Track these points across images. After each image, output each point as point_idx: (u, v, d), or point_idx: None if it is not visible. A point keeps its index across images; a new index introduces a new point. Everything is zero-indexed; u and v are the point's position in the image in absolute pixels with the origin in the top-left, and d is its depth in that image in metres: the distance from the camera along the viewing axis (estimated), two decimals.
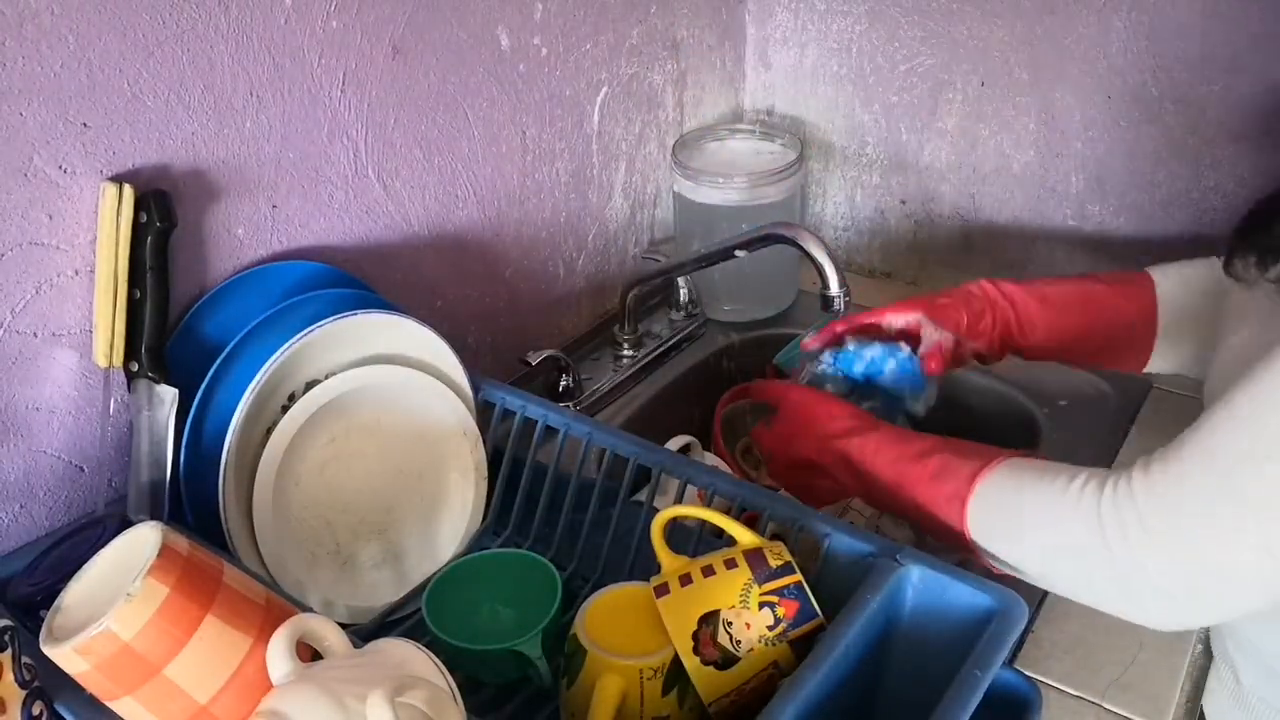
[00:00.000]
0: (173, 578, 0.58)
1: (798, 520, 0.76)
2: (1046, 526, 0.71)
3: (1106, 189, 1.20)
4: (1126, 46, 1.12)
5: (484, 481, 0.90)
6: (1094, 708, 0.80)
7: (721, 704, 0.68)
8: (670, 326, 1.26)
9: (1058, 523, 0.70)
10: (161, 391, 0.78)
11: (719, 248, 1.08)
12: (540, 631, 0.74)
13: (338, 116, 0.90)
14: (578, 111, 1.15)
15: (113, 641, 0.56)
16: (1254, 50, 1.05)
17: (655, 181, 1.30)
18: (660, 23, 1.22)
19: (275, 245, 0.89)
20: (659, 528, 0.75)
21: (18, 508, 0.77)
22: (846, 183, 1.38)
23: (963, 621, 0.68)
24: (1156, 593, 0.67)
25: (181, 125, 0.79)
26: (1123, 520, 0.66)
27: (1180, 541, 0.64)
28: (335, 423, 0.82)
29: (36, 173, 0.72)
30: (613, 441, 0.85)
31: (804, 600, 0.68)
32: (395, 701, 0.53)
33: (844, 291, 0.97)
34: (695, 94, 1.32)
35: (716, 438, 1.11)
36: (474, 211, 1.06)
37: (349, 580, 0.84)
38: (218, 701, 0.59)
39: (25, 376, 0.75)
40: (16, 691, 0.61)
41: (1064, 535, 0.69)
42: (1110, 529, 0.66)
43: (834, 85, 1.33)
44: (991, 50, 1.20)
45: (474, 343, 1.10)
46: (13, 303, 0.73)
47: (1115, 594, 0.69)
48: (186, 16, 0.77)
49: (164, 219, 0.76)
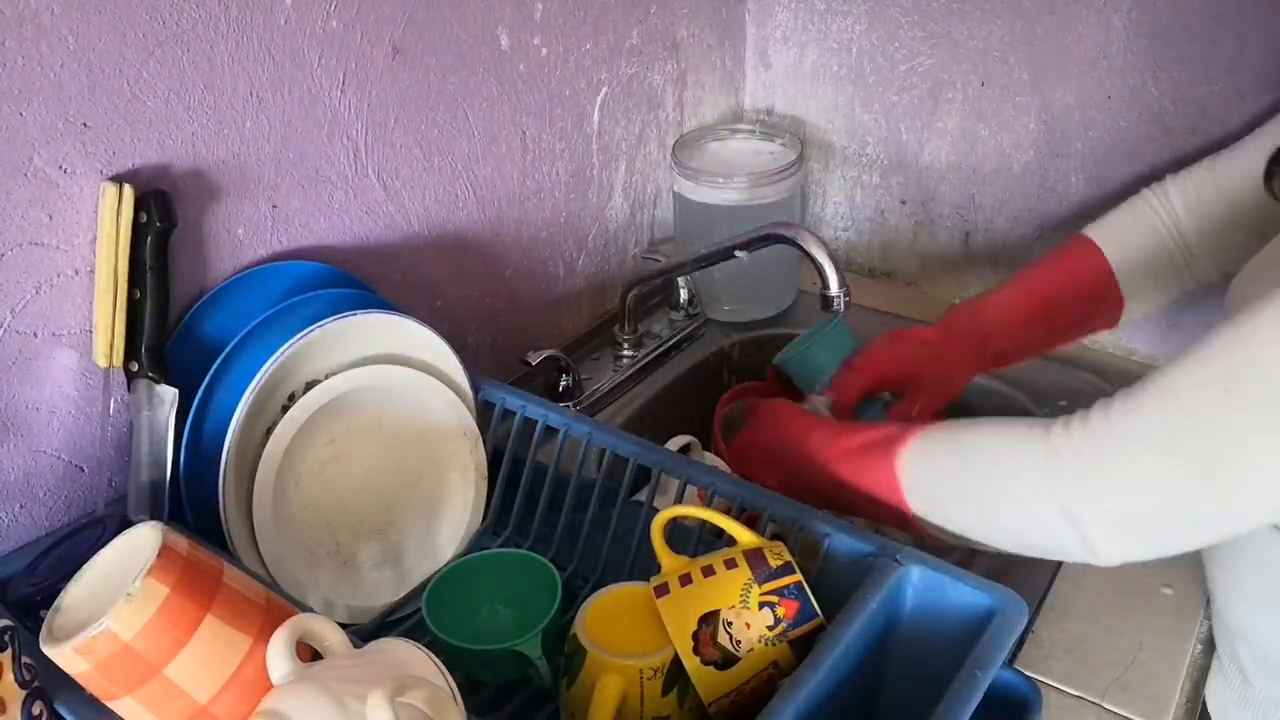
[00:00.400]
0: (173, 578, 0.58)
1: (798, 520, 0.76)
2: (989, 475, 0.72)
3: (1106, 189, 1.20)
4: (1126, 46, 1.12)
5: (484, 481, 0.90)
6: (1094, 708, 0.80)
7: (721, 704, 0.68)
8: (670, 326, 1.26)
9: (999, 463, 0.71)
10: (161, 391, 0.78)
11: (719, 248, 1.08)
12: (540, 631, 0.74)
13: (338, 116, 0.90)
14: (578, 111, 1.15)
15: (113, 641, 0.56)
16: (1254, 50, 1.05)
17: (655, 181, 1.30)
18: (660, 23, 1.22)
19: (275, 245, 0.89)
20: (659, 528, 0.75)
21: (18, 508, 0.77)
22: (846, 183, 1.38)
23: (963, 621, 0.68)
24: (1101, 522, 0.67)
25: (181, 125, 0.79)
26: (1076, 449, 0.66)
27: (1128, 465, 0.65)
28: (335, 423, 0.82)
29: (36, 173, 0.72)
30: (613, 441, 0.85)
31: (804, 600, 0.68)
32: (395, 701, 0.53)
33: (844, 291, 0.97)
34: (695, 94, 1.32)
35: (716, 438, 1.11)
36: (474, 211, 1.06)
37: (349, 580, 0.84)
38: (218, 701, 0.59)
39: (25, 376, 0.75)
40: (16, 691, 0.61)
41: (1010, 476, 0.70)
42: (1062, 458, 0.67)
43: (834, 85, 1.33)
44: (991, 50, 1.20)
45: (474, 343, 1.10)
46: (13, 303, 0.73)
47: (1060, 529, 0.69)
48: (186, 16, 0.77)
49: (164, 219, 0.76)
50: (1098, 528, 0.68)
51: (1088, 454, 0.67)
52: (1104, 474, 0.66)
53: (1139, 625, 0.87)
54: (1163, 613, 0.88)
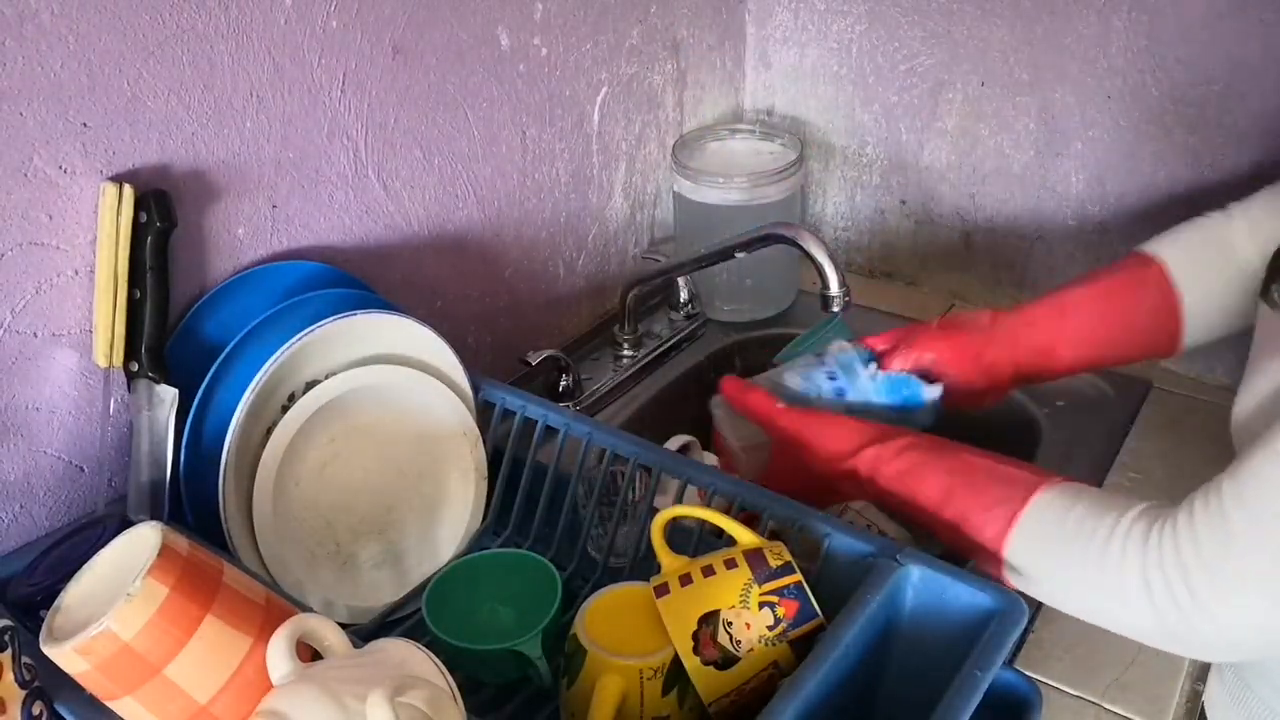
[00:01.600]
0: (173, 578, 0.58)
1: (798, 520, 0.76)
2: (1090, 570, 0.69)
3: (1106, 189, 1.20)
4: (1126, 46, 1.12)
5: (484, 481, 0.90)
6: (1094, 708, 0.80)
7: (721, 704, 0.68)
8: (670, 326, 1.26)
9: (1102, 570, 0.67)
10: (161, 391, 0.78)
11: (719, 248, 1.08)
12: (540, 631, 0.74)
13: (338, 116, 0.90)
14: (578, 111, 1.15)
15: (113, 641, 0.56)
16: (1254, 50, 1.05)
17: (655, 181, 1.30)
18: (660, 23, 1.22)
19: (275, 245, 0.89)
20: (659, 528, 0.75)
21: (18, 508, 0.77)
22: (846, 183, 1.38)
23: (963, 621, 0.68)
24: (1205, 645, 0.67)
25: (181, 125, 0.79)
26: (1172, 591, 0.64)
27: (1231, 607, 0.63)
28: (335, 423, 0.82)
29: (36, 173, 0.72)
30: (613, 441, 0.85)
31: (804, 600, 0.68)
32: (395, 701, 0.53)
33: (844, 291, 0.97)
34: (695, 94, 1.32)
35: (716, 438, 1.11)
36: (474, 211, 1.06)
37: (349, 580, 0.84)
38: (218, 701, 0.59)
39: (25, 376, 0.75)
40: (16, 691, 0.61)
41: (1109, 586, 0.67)
42: (1158, 595, 0.64)
43: (834, 85, 1.33)
44: (991, 50, 1.20)
45: (474, 343, 1.10)
46: (13, 303, 0.73)
47: (1161, 641, 0.68)
48: (186, 16, 0.77)
49: (164, 219, 0.76)
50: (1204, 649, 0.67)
51: (1185, 604, 0.64)
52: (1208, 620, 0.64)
53: None
54: None
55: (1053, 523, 0.71)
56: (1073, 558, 0.70)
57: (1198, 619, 0.64)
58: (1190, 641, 0.67)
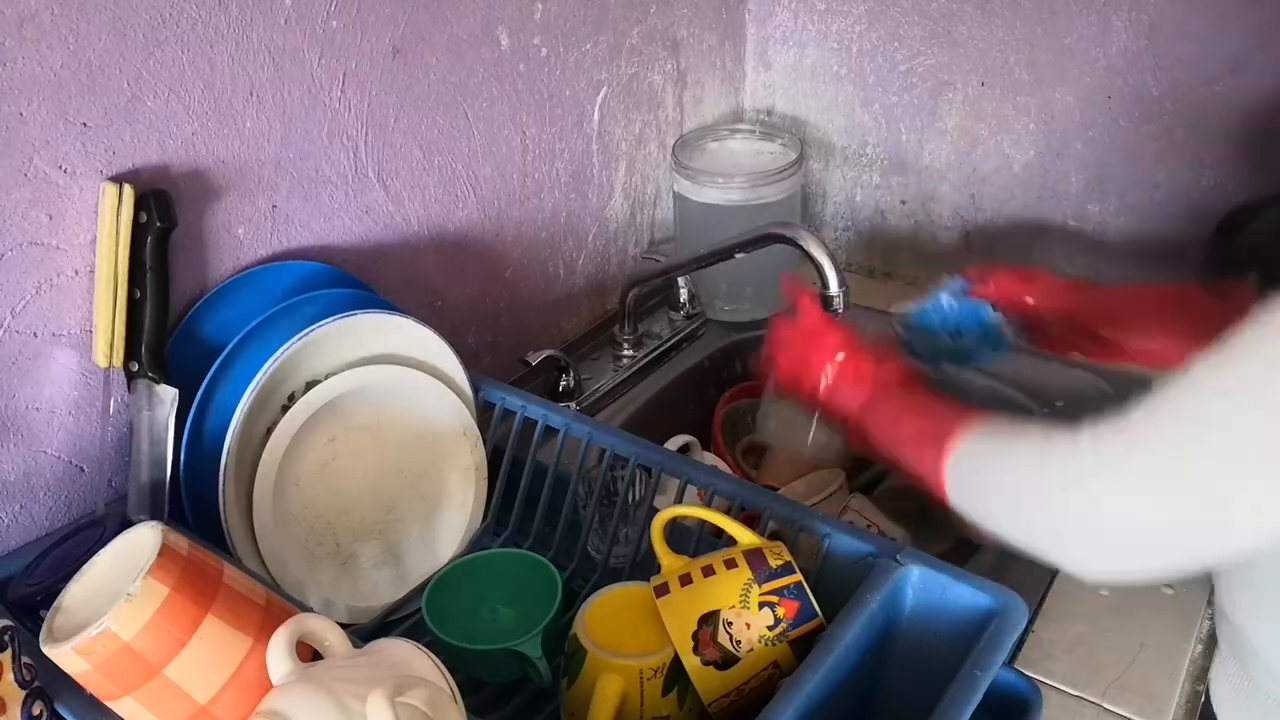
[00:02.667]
0: (173, 578, 0.58)
1: (797, 520, 0.76)
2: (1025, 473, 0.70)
3: (1106, 189, 1.20)
4: (1126, 46, 1.12)
5: (484, 481, 0.90)
6: (1094, 708, 0.80)
7: (721, 704, 0.68)
8: (670, 326, 1.26)
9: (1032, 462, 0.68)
10: (161, 391, 0.78)
11: (719, 248, 1.08)
12: (540, 631, 0.74)
13: (338, 116, 0.90)
14: (578, 111, 1.15)
15: (113, 641, 0.56)
16: (1254, 50, 1.05)
17: (655, 181, 1.30)
18: (660, 23, 1.22)
19: (275, 245, 0.89)
20: (659, 528, 0.75)
21: (18, 508, 0.77)
22: (846, 183, 1.38)
23: (963, 621, 0.68)
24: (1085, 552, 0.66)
25: (181, 125, 0.79)
26: (1068, 487, 0.65)
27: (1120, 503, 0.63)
28: (335, 423, 0.82)
29: (36, 173, 0.72)
30: (613, 441, 0.85)
31: (804, 600, 0.68)
32: (395, 701, 0.53)
33: (844, 291, 0.97)
34: (695, 94, 1.32)
35: (716, 438, 1.11)
36: (474, 211, 1.06)
37: (349, 580, 0.84)
38: (218, 701, 0.59)
39: (25, 376, 0.75)
40: (16, 691, 0.61)
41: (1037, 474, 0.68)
42: (1056, 492, 0.65)
43: (834, 85, 1.33)
44: (991, 50, 1.20)
45: (474, 343, 1.10)
46: (13, 303, 0.73)
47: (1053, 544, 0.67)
48: (186, 16, 0.77)
49: (164, 219, 0.76)
50: (1084, 540, 0.67)
51: (1092, 463, 0.66)
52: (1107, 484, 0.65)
53: (1139, 625, 0.87)
54: (1163, 613, 0.88)
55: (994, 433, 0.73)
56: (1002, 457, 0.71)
57: (1091, 517, 0.64)
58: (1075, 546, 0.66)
